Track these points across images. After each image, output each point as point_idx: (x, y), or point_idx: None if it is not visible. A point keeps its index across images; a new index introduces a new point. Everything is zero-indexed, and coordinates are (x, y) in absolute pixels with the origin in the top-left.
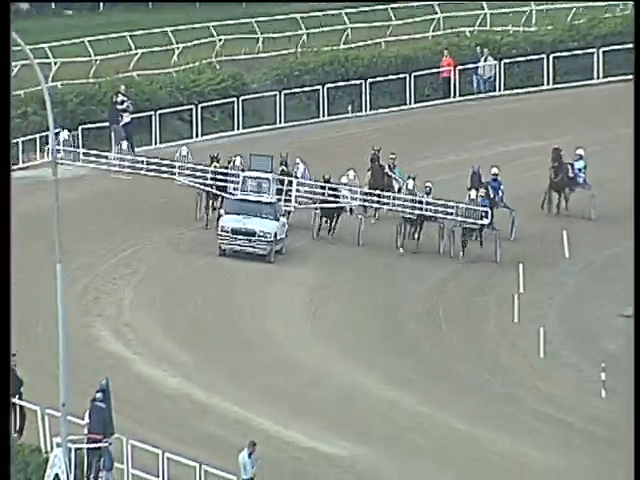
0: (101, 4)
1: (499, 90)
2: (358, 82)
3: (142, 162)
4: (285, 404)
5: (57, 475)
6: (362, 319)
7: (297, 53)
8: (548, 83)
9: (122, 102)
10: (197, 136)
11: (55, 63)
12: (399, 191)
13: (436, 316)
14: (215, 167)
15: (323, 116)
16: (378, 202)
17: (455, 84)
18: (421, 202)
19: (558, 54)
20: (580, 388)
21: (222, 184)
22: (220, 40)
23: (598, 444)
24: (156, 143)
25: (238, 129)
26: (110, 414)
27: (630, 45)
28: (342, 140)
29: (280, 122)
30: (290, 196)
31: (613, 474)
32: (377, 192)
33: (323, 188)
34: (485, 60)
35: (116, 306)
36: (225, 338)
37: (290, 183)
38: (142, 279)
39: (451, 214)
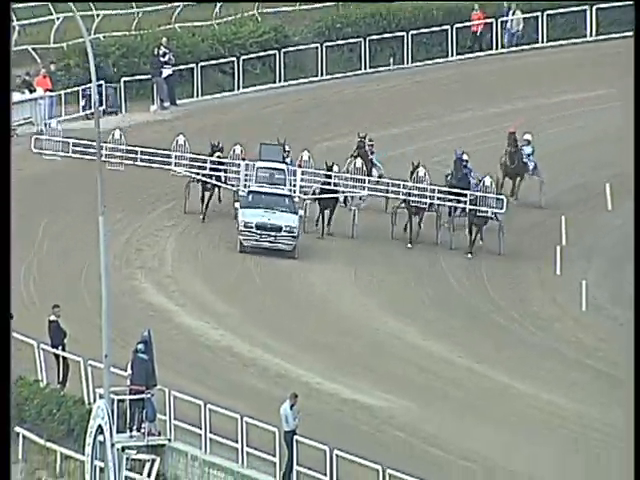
0: None
1: (541, 42)
2: (400, 34)
3: (136, 152)
4: (327, 357)
5: (100, 426)
6: (403, 279)
7: (339, 5)
8: (591, 34)
9: (164, 54)
10: (238, 88)
11: (97, 15)
12: (380, 178)
13: (479, 273)
14: (219, 157)
15: (364, 69)
16: (387, 191)
17: (489, 37)
18: (433, 190)
19: (600, 5)
20: (621, 341)
21: (224, 175)
22: None
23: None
24: (198, 95)
25: (279, 82)
26: (152, 365)
27: None
28: (382, 93)
29: (321, 75)
30: (294, 186)
31: None
32: (388, 181)
33: (329, 177)
34: (513, 14)
35: (158, 258)
36: (268, 292)
37: (294, 173)
38: (184, 231)
39: (464, 202)
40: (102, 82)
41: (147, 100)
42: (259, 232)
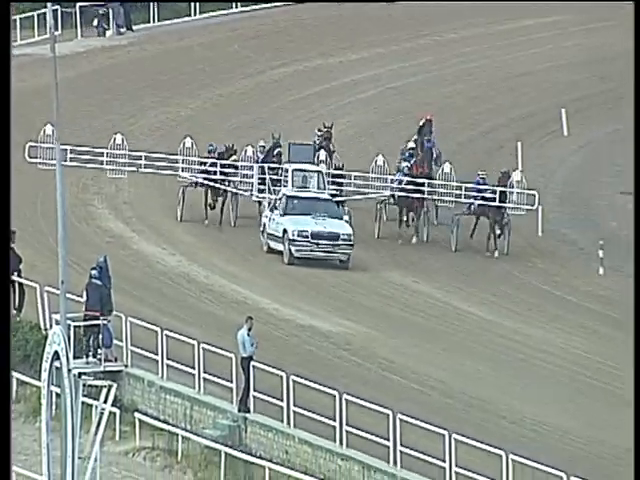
0: None
1: None
2: None
3: (141, 157)
4: (284, 283)
5: (56, 352)
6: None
7: None
8: None
9: None
10: (194, 14)
11: None
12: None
13: None
14: (235, 160)
15: None
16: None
17: None
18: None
19: None
20: (579, 266)
21: (238, 179)
22: None
23: (595, 320)
24: (154, 21)
25: (236, 7)
26: (108, 291)
27: None
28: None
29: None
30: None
31: (609, 348)
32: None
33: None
34: None
35: (114, 184)
36: (225, 218)
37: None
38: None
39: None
40: (58, 7)
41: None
42: (315, 241)
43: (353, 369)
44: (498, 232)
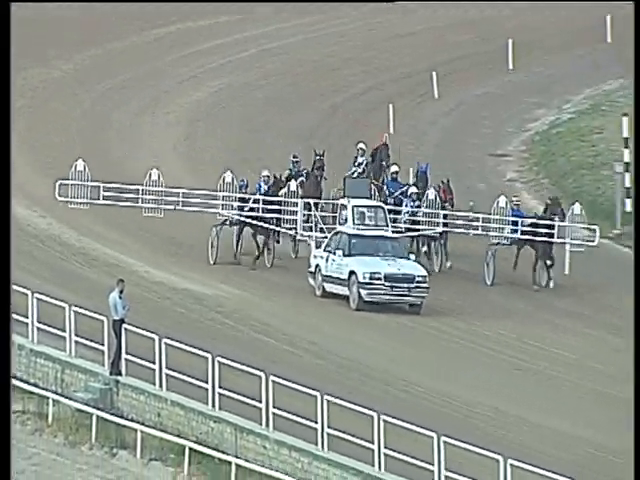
0: None
1: None
2: None
3: (178, 195)
4: (157, 246)
5: None
6: None
7: None
8: None
9: None
10: None
11: None
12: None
13: None
14: (285, 193)
15: None
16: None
17: None
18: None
19: None
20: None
21: (286, 217)
22: None
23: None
24: None
25: None
26: None
27: None
28: None
29: None
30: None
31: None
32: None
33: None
34: None
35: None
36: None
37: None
38: None
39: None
40: None
41: None
42: (389, 285)
43: (226, 331)
44: (549, 263)
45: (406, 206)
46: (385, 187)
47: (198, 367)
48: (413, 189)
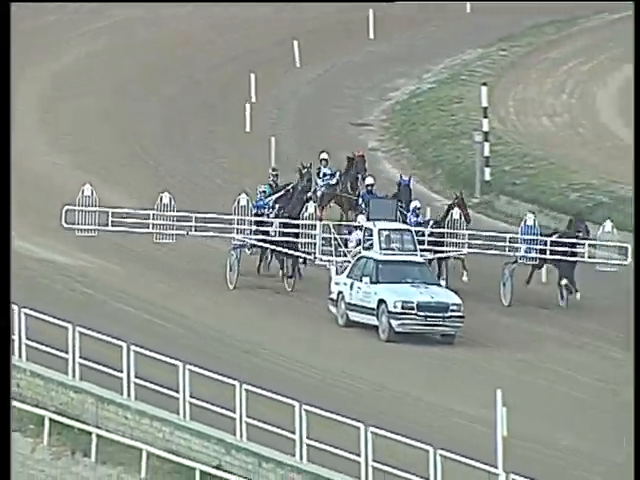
0: None
1: None
2: None
3: (190, 219)
4: (25, 217)
5: None
6: None
7: None
8: None
9: None
10: None
11: None
12: None
13: None
14: (311, 215)
15: None
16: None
17: None
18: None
19: None
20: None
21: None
22: None
23: None
24: None
25: None
26: None
27: None
28: None
29: None
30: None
31: None
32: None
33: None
34: None
35: None
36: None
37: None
38: None
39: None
40: None
41: None
42: (422, 314)
43: (87, 300)
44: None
45: (409, 221)
46: (361, 199)
47: (57, 337)
48: (416, 203)
